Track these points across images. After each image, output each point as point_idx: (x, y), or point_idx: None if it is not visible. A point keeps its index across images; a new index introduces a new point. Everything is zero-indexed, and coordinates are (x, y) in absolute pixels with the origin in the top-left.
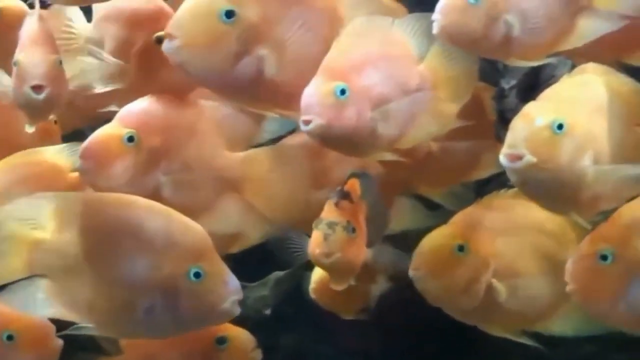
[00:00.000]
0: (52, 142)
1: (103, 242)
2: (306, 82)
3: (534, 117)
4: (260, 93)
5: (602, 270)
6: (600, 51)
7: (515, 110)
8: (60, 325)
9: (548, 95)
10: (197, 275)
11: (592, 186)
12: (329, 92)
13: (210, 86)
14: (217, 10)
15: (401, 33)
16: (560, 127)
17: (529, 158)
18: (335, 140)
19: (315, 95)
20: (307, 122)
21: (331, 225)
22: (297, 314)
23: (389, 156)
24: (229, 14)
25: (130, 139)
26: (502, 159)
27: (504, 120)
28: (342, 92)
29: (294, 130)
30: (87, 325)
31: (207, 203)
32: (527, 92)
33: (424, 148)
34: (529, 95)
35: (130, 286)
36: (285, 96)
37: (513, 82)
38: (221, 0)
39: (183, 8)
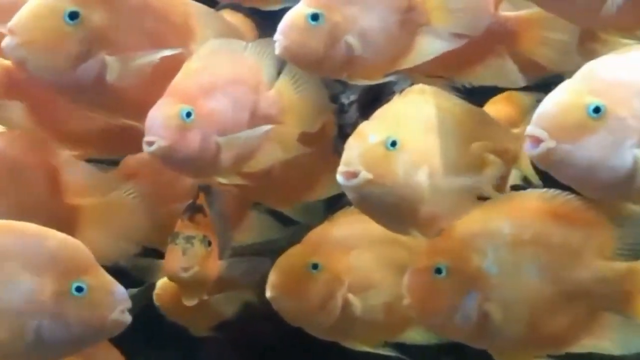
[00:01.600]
0: None
1: None
2: (151, 93)
3: (367, 134)
4: (102, 99)
5: (437, 283)
6: (438, 69)
7: (355, 125)
8: None
9: (381, 114)
10: (79, 289)
11: (429, 202)
12: (174, 114)
13: (50, 86)
14: (61, 11)
15: (253, 57)
16: (393, 144)
17: (365, 174)
18: (178, 163)
19: (159, 116)
20: (150, 143)
21: (189, 239)
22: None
23: (233, 180)
24: (73, 15)
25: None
26: (339, 177)
27: (343, 135)
28: (188, 115)
29: None
30: None
31: None
32: (367, 107)
33: None
34: (370, 111)
35: (15, 313)
36: (130, 105)
37: (353, 97)
38: (66, 1)
39: (27, 6)
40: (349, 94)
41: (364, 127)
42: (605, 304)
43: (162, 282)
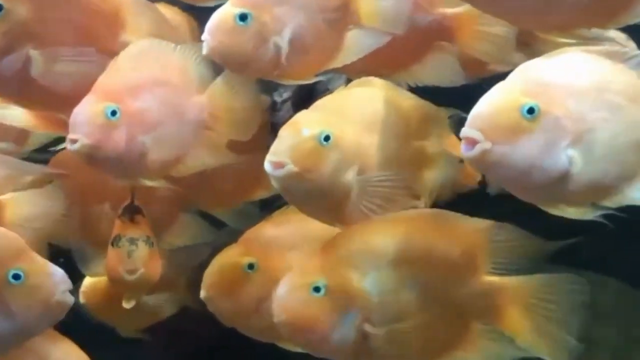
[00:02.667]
0: None
1: None
2: (78, 89)
3: (301, 127)
4: (28, 92)
5: (313, 301)
6: (375, 67)
7: None
8: None
9: (320, 105)
10: (16, 277)
11: (355, 200)
12: (99, 112)
13: None
14: None
15: (184, 59)
16: (327, 138)
17: (290, 167)
18: (102, 162)
19: (84, 114)
20: (73, 141)
21: (132, 241)
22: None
23: (159, 183)
24: None
25: None
26: (266, 164)
27: (276, 133)
28: (113, 113)
29: None
30: None
31: None
32: (301, 105)
33: None
34: (304, 107)
35: None
36: (57, 99)
37: (286, 95)
38: None
39: None
40: (282, 91)
41: (300, 117)
42: (478, 318)
43: (89, 280)
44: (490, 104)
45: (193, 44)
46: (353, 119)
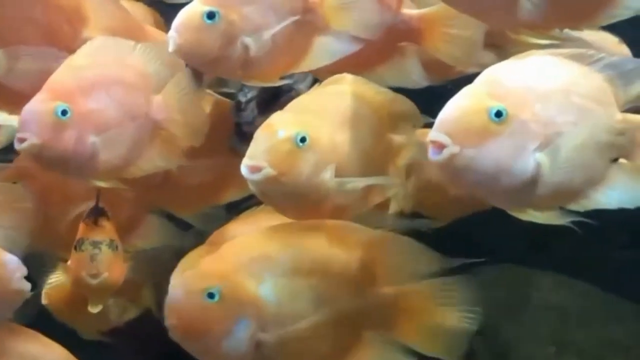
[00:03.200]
0: None
1: None
2: (40, 87)
3: (276, 129)
4: None
5: (206, 307)
6: (341, 68)
7: (252, 123)
8: None
9: (295, 105)
10: None
11: (334, 199)
12: (49, 111)
13: None
14: None
15: (142, 59)
16: (303, 140)
17: (268, 170)
18: (51, 161)
19: (33, 112)
20: (21, 140)
21: (96, 244)
22: None
23: (112, 184)
24: None
25: None
26: (243, 168)
27: (241, 133)
28: (64, 112)
29: None
30: None
31: None
32: (266, 105)
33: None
34: (269, 107)
35: None
36: (20, 98)
37: (251, 94)
38: None
39: None
40: (247, 91)
41: (275, 119)
42: (374, 328)
43: (52, 281)
44: (457, 108)
45: (154, 42)
46: (328, 118)
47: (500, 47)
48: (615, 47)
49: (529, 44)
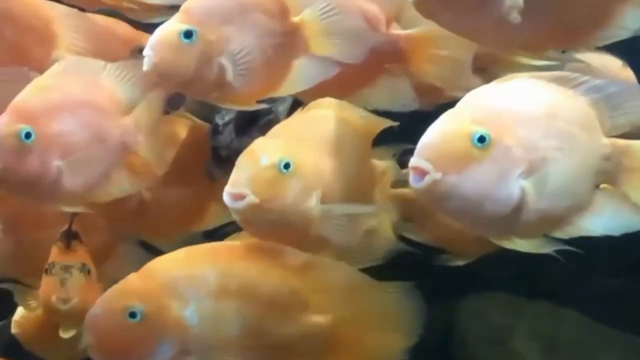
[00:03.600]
0: None
1: None
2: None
3: (259, 155)
4: None
5: (127, 327)
6: (327, 89)
7: (230, 147)
8: None
9: (278, 131)
10: None
11: (319, 226)
12: (12, 134)
13: None
14: None
15: (111, 80)
16: (287, 166)
17: (251, 198)
18: (14, 186)
19: None
20: None
21: (67, 268)
22: None
23: (79, 208)
24: None
25: None
26: (225, 196)
27: (217, 157)
28: (27, 135)
29: None
30: None
31: None
32: (243, 128)
33: (135, 196)
34: (246, 131)
35: None
36: None
37: (228, 117)
38: None
39: None
40: (224, 114)
41: (257, 145)
42: (304, 357)
43: (22, 310)
44: (439, 133)
45: (125, 62)
46: (311, 143)
47: (489, 70)
48: (619, 71)
49: (522, 65)
